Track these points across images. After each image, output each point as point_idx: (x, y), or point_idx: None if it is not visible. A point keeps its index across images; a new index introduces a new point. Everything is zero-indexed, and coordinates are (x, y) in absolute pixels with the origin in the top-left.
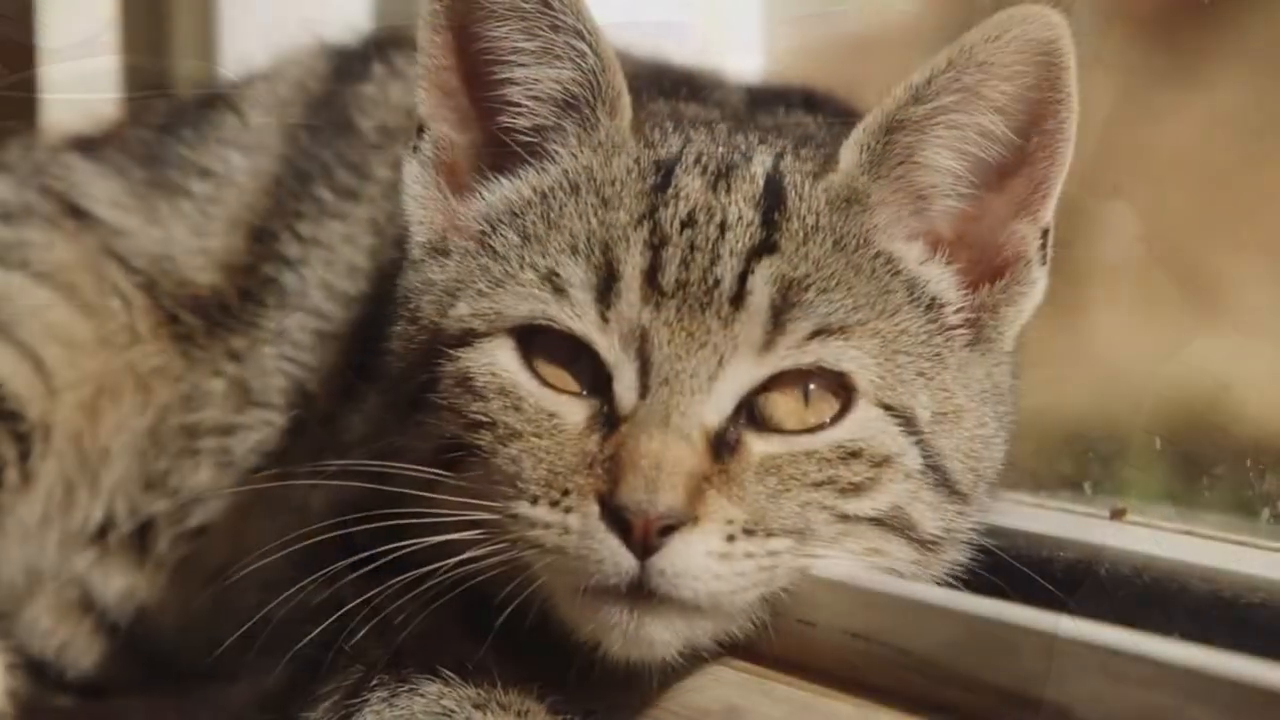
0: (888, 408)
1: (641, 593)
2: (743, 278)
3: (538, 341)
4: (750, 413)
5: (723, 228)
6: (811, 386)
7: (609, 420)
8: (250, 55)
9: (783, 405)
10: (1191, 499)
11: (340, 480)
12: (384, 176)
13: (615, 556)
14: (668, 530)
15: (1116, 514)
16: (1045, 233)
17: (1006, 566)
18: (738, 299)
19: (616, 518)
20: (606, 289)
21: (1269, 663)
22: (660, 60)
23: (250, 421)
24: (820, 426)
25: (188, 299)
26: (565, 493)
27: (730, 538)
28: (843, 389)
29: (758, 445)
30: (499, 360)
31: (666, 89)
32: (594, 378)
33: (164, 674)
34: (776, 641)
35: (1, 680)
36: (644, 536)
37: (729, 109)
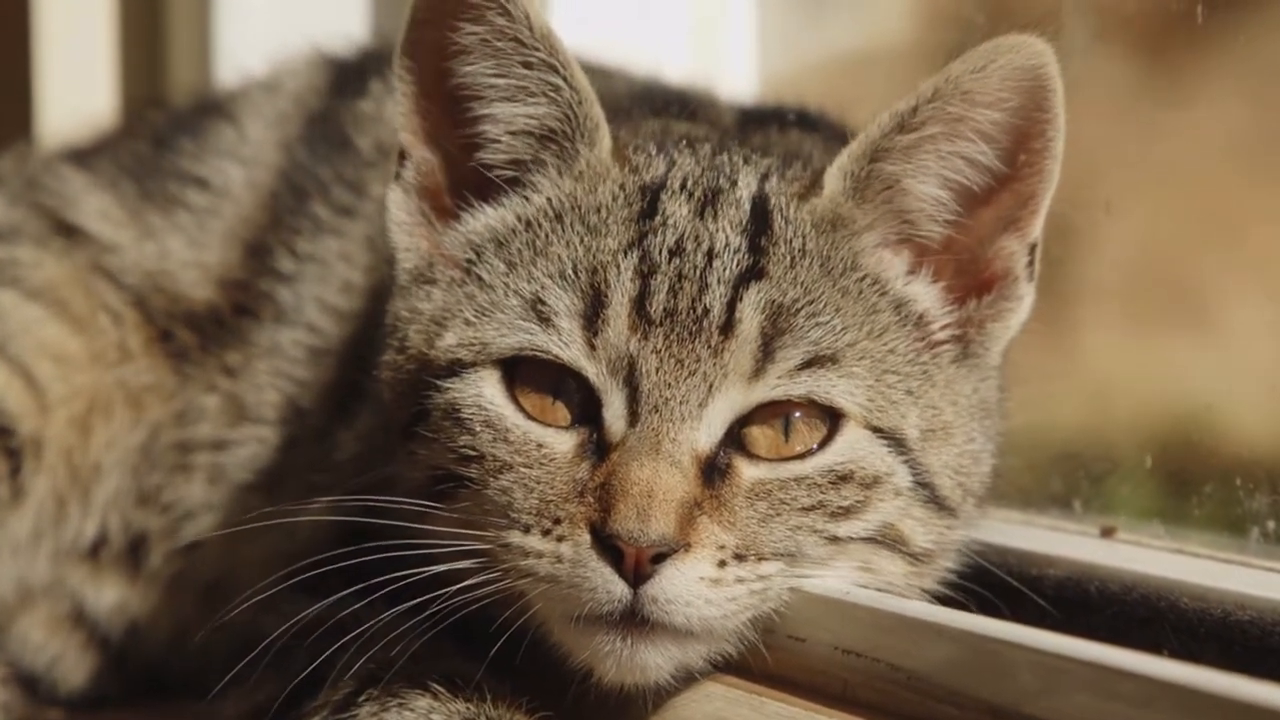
0: (876, 430)
1: (634, 620)
2: (731, 305)
3: (523, 371)
4: (737, 438)
5: (710, 255)
6: (797, 414)
7: (599, 447)
8: (247, 64)
9: (762, 439)
10: (1181, 517)
11: (333, 512)
12: (380, 194)
13: (608, 585)
14: (660, 558)
15: (1106, 532)
16: (1033, 249)
17: (997, 583)
18: (727, 327)
19: (608, 546)
20: (594, 316)
21: (1258, 681)
22: (654, 78)
23: (243, 437)
24: (809, 452)
25: (182, 314)
26: (557, 521)
27: (721, 563)
28: (829, 415)
29: (749, 470)
30: (485, 392)
31: (659, 107)
32: (583, 404)
33: (155, 688)
34: (767, 657)
35: None
36: (636, 564)
37: (721, 127)
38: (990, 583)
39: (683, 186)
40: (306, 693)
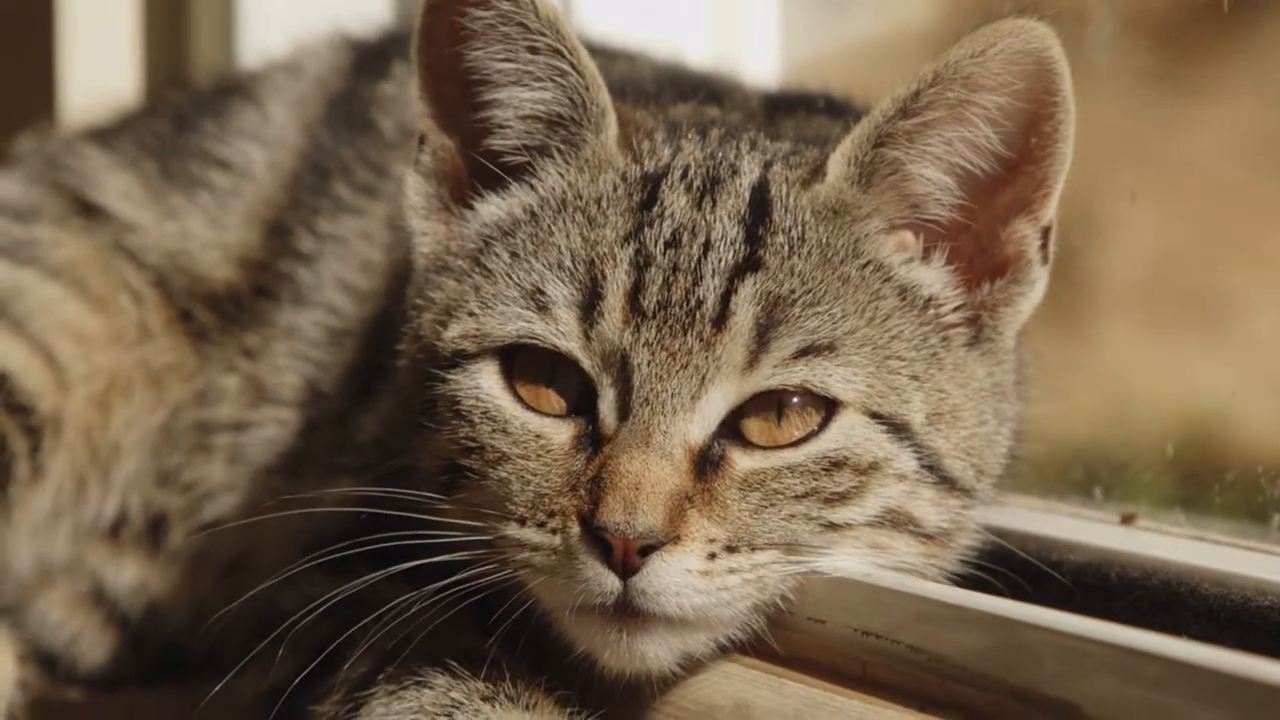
0: (876, 415)
1: (627, 611)
2: (726, 298)
3: (521, 361)
4: (733, 428)
5: (706, 247)
6: (794, 400)
7: (594, 439)
8: (270, 43)
9: (755, 426)
10: (1202, 505)
11: (349, 501)
12: (402, 174)
13: (599, 577)
14: (648, 550)
15: (1127, 519)
16: (1046, 232)
17: (1019, 566)
18: (720, 320)
19: (597, 539)
20: (591, 308)
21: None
22: (677, 63)
23: (263, 419)
24: (804, 439)
25: (202, 294)
26: (551, 514)
27: (712, 555)
28: (825, 403)
29: (742, 461)
30: (483, 384)
31: (686, 91)
32: (579, 395)
33: (174, 666)
34: (787, 638)
35: (13, 671)
36: (624, 557)
37: (749, 112)
38: (1013, 566)
39: (683, 176)
40: (324, 671)
